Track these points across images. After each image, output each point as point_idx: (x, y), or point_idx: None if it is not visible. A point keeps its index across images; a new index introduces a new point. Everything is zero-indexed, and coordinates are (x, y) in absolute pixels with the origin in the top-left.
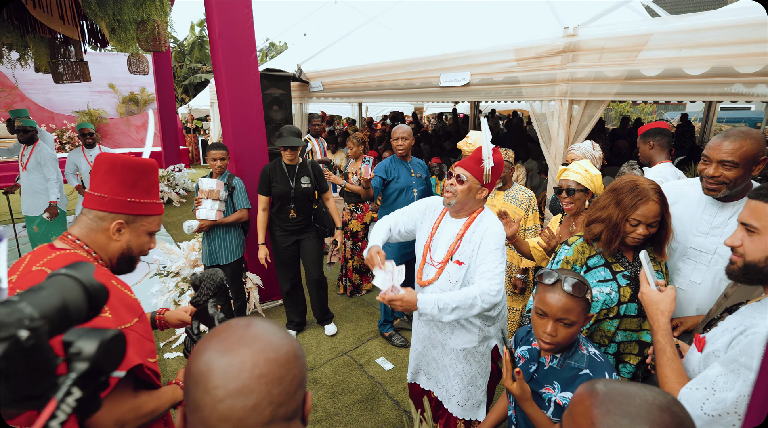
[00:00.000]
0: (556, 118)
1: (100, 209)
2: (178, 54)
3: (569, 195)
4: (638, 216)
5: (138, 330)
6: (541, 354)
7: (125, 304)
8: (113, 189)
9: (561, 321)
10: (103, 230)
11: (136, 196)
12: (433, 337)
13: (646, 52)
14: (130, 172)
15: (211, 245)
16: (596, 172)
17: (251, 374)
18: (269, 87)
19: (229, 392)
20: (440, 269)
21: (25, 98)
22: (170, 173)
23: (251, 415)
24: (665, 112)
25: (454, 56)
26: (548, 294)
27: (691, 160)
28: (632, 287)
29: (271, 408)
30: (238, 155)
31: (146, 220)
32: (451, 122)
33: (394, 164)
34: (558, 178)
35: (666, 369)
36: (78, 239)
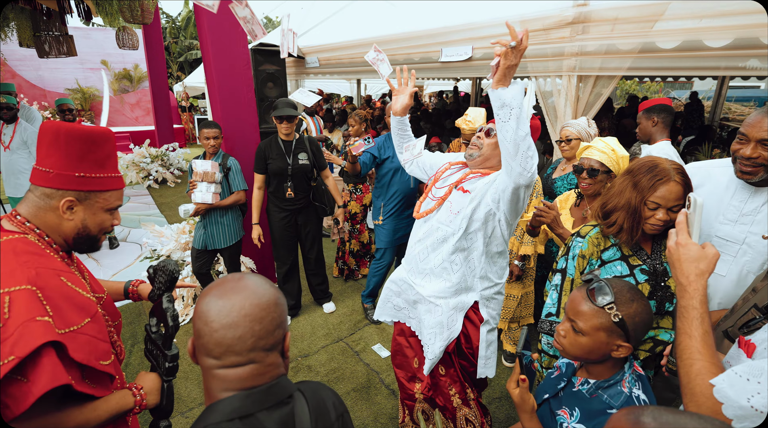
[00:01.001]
0: (563, 94)
1: (46, 185)
2: (173, 29)
3: (591, 176)
4: (657, 198)
5: (89, 331)
6: (576, 373)
7: (74, 304)
8: (58, 162)
9: (572, 323)
10: (52, 209)
11: (86, 170)
12: (412, 280)
13: (662, 23)
14: (76, 143)
15: (209, 229)
16: (624, 152)
17: (239, 314)
18: (263, 63)
19: (222, 325)
20: (442, 199)
21: (15, 75)
22: (164, 153)
23: (237, 343)
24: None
25: (455, 29)
26: (575, 290)
27: (702, 140)
28: (651, 283)
29: (253, 340)
30: (228, 133)
31: (101, 197)
32: (452, 101)
33: (388, 142)
34: (579, 155)
35: (700, 343)
36: (27, 220)
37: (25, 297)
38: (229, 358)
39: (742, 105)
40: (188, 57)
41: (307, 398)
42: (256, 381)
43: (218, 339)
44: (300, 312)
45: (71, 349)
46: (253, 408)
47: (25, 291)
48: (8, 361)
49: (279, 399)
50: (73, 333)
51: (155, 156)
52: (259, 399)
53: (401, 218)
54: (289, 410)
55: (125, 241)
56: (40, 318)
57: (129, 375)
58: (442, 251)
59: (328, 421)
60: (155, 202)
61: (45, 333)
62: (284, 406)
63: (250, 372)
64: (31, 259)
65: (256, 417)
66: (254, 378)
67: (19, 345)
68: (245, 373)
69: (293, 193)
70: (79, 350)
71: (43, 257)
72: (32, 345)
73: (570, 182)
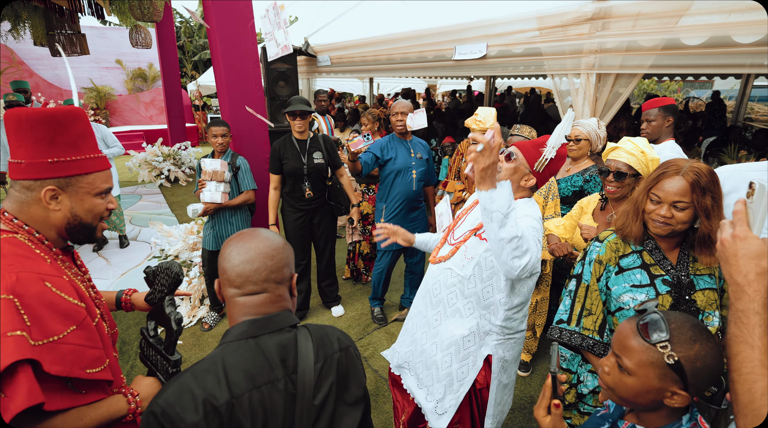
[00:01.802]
0: (581, 93)
1: (22, 177)
2: (187, 29)
3: (618, 179)
4: (658, 190)
5: (73, 340)
6: (625, 416)
7: (58, 311)
8: (28, 151)
9: (618, 358)
10: (36, 201)
11: (59, 154)
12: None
13: (688, 18)
14: (41, 127)
15: (217, 229)
16: (654, 154)
17: (255, 252)
18: (274, 61)
19: (242, 261)
20: (458, 245)
21: (33, 74)
22: (176, 151)
23: (254, 274)
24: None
25: (469, 26)
26: (624, 321)
27: (726, 141)
28: (673, 295)
29: (266, 273)
30: (236, 132)
31: (84, 181)
32: (465, 100)
33: (392, 143)
34: (606, 157)
35: (765, 355)
36: (15, 217)
37: (2, 308)
38: (248, 287)
39: (765, 104)
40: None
41: (311, 330)
42: (269, 309)
43: (239, 272)
44: (307, 314)
45: (47, 362)
46: (257, 331)
47: (3, 302)
48: None
49: (280, 326)
50: (53, 344)
51: (167, 154)
52: (263, 324)
53: (404, 221)
54: (291, 336)
55: (135, 240)
56: (11, 333)
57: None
58: (454, 294)
59: (330, 350)
60: (167, 201)
61: (15, 351)
62: (286, 333)
63: (264, 300)
64: (15, 262)
65: (259, 340)
66: (267, 305)
67: None
68: (260, 300)
69: (312, 193)
70: (57, 362)
71: (29, 259)
72: (5, 362)
73: (574, 184)
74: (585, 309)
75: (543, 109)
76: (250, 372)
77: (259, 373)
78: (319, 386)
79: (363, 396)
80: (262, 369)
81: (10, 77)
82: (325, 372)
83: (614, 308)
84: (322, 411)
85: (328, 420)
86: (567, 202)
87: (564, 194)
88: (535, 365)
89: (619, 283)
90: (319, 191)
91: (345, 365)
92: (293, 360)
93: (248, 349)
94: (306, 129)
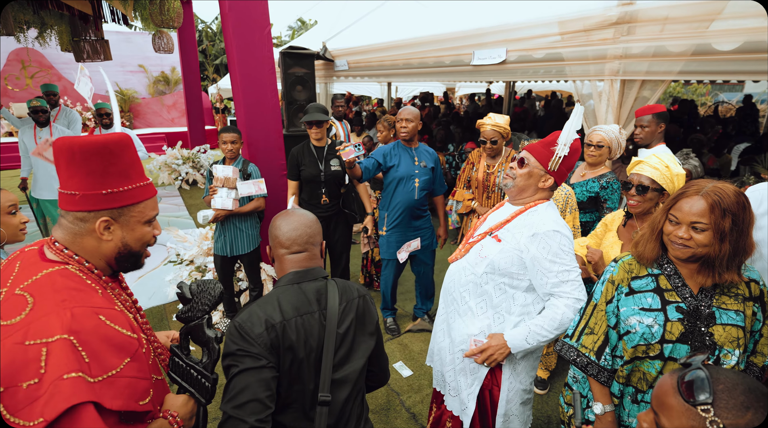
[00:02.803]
0: (605, 99)
1: (76, 209)
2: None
3: (640, 193)
4: (676, 210)
5: (128, 373)
6: None
7: (113, 345)
8: (82, 183)
9: (656, 416)
10: (89, 232)
11: (113, 184)
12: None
13: (720, 22)
14: (94, 159)
15: (227, 235)
16: (680, 169)
17: (298, 223)
18: (292, 66)
19: (289, 229)
20: (473, 243)
21: (61, 78)
22: (195, 154)
23: (298, 238)
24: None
25: (488, 30)
26: (666, 375)
27: (760, 149)
28: (686, 325)
29: (307, 237)
30: (251, 139)
31: (136, 210)
32: (485, 103)
33: (396, 150)
34: (629, 171)
35: None
36: (66, 247)
37: (59, 349)
38: (294, 247)
39: None
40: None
41: (337, 282)
42: (308, 264)
43: (288, 236)
44: None
45: (108, 398)
46: (300, 279)
47: (59, 342)
48: (37, 423)
49: (315, 277)
50: (111, 379)
51: (187, 157)
52: (303, 275)
53: (407, 230)
54: (323, 284)
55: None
56: (67, 375)
57: None
58: (467, 292)
59: (351, 296)
60: (185, 204)
61: (73, 394)
62: (320, 282)
63: (305, 257)
64: (69, 297)
65: (301, 285)
66: (307, 260)
67: (49, 406)
68: (302, 257)
69: (328, 199)
70: (117, 397)
71: (82, 292)
72: (61, 407)
73: (589, 190)
74: (588, 328)
75: (564, 112)
76: (295, 305)
77: (301, 306)
78: (342, 320)
79: (375, 330)
80: (303, 303)
81: (40, 81)
82: (347, 310)
83: (623, 331)
84: (345, 337)
85: (349, 344)
86: (582, 208)
87: (579, 199)
88: (553, 382)
89: (629, 305)
90: (335, 198)
91: (362, 307)
92: (324, 301)
93: (294, 291)
94: (323, 136)
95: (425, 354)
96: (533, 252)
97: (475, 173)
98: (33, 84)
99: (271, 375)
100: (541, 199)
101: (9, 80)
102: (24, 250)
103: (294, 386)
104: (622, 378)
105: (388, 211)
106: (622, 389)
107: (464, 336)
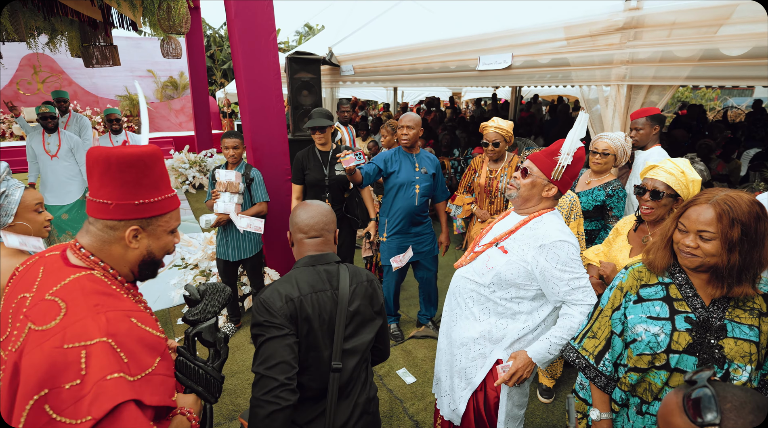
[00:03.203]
0: (611, 105)
1: (108, 218)
2: (218, 38)
3: (654, 199)
4: (684, 218)
5: (161, 371)
6: None
7: (146, 345)
8: (116, 193)
9: None
10: (118, 240)
11: (145, 195)
12: (447, 316)
13: (728, 27)
14: (130, 170)
15: (230, 239)
16: (696, 175)
17: (315, 211)
18: (298, 71)
19: (308, 217)
20: (480, 251)
21: (72, 83)
22: (202, 159)
23: (315, 224)
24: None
25: (494, 36)
26: (671, 393)
27: None
28: (694, 336)
29: (322, 224)
30: (256, 144)
31: (162, 219)
32: (491, 108)
33: (396, 156)
34: (642, 176)
35: None
36: (92, 253)
37: (100, 351)
38: (311, 233)
39: None
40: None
41: (348, 266)
42: (324, 248)
43: (306, 223)
44: None
45: (147, 395)
46: (315, 262)
47: (99, 345)
48: (86, 421)
49: (328, 261)
50: (148, 377)
51: (193, 161)
52: (318, 258)
53: (408, 236)
54: (336, 268)
55: None
56: (110, 376)
57: None
58: (471, 299)
59: (360, 279)
60: (191, 208)
61: (117, 393)
62: (333, 265)
63: (321, 241)
64: (100, 302)
65: (316, 267)
66: (322, 245)
67: (95, 405)
68: (318, 242)
69: (331, 204)
70: (154, 393)
71: (112, 297)
72: (107, 406)
73: (596, 199)
74: (591, 332)
75: (571, 117)
76: (311, 283)
77: (316, 284)
78: (352, 299)
79: (381, 311)
80: (318, 282)
81: (51, 86)
82: (357, 292)
83: (629, 339)
84: (354, 315)
85: (359, 320)
86: (587, 216)
87: (584, 208)
88: (559, 391)
89: (636, 313)
90: (339, 203)
91: (370, 291)
92: (336, 282)
93: (309, 271)
94: (327, 141)
95: (429, 361)
96: (542, 264)
97: (477, 179)
98: (44, 89)
99: (294, 341)
100: (546, 207)
101: (21, 85)
102: (44, 255)
103: (310, 352)
104: (626, 386)
105: (388, 217)
106: (626, 397)
107: (464, 339)
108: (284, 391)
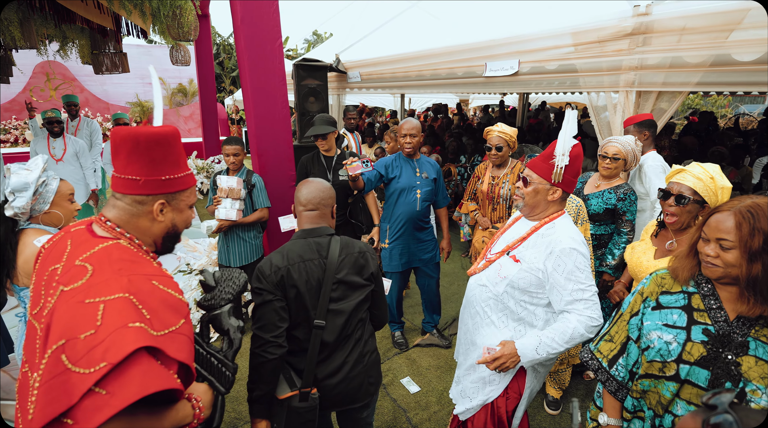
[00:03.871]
0: (620, 111)
1: (137, 193)
2: (227, 46)
3: (679, 203)
4: (706, 226)
5: (185, 331)
6: None
7: (168, 305)
8: (144, 169)
9: None
10: (146, 213)
11: (170, 171)
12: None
13: (740, 32)
14: (157, 148)
15: (231, 245)
16: (725, 183)
17: (314, 187)
18: (305, 78)
19: (307, 192)
20: (492, 260)
21: (84, 89)
22: (209, 165)
23: (313, 198)
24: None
25: (501, 42)
26: (690, 414)
27: None
28: (710, 349)
29: (319, 199)
30: (261, 150)
31: (184, 194)
32: (498, 115)
33: (397, 162)
34: (668, 179)
35: None
36: (118, 226)
37: (119, 305)
38: (308, 206)
39: None
40: None
41: (341, 238)
42: (319, 221)
43: (305, 196)
44: None
45: (173, 350)
46: (307, 235)
47: (119, 300)
48: (100, 368)
49: (321, 234)
50: (172, 334)
51: (201, 167)
52: (310, 231)
53: (411, 241)
54: (326, 240)
55: None
56: (132, 324)
57: None
58: (489, 307)
59: (352, 251)
60: (198, 213)
61: (137, 339)
62: (325, 238)
63: (317, 214)
64: (124, 267)
65: (307, 239)
66: (319, 218)
67: (111, 351)
68: (315, 214)
69: None
70: (181, 350)
71: (136, 263)
72: (125, 351)
73: (607, 201)
74: (608, 335)
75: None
76: (300, 253)
77: (305, 254)
78: (340, 268)
79: (372, 279)
80: (307, 252)
81: (64, 93)
82: (345, 261)
83: (644, 345)
84: (341, 282)
85: (344, 288)
86: (598, 220)
87: (595, 211)
88: (566, 403)
89: (653, 320)
90: (342, 208)
91: (361, 261)
92: (326, 252)
93: (301, 243)
94: (331, 147)
95: (434, 370)
96: (549, 270)
97: (480, 185)
98: (57, 95)
99: (280, 305)
100: (555, 211)
101: (34, 92)
102: (69, 230)
103: (300, 312)
104: (637, 393)
105: (390, 223)
106: (638, 405)
107: (489, 343)
108: (271, 346)
